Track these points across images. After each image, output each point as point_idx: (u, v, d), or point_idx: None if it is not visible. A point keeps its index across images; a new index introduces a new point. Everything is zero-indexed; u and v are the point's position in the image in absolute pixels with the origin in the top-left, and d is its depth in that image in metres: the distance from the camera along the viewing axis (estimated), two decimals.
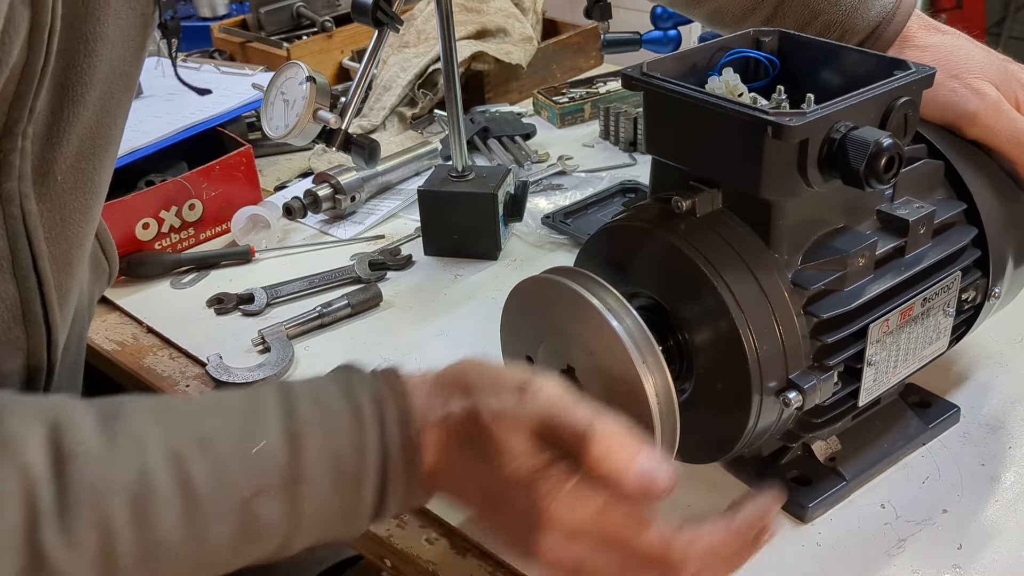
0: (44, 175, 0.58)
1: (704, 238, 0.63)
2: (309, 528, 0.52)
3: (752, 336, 0.61)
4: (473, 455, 0.54)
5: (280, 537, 0.52)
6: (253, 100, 1.23)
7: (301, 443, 0.51)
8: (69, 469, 0.47)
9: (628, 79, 0.66)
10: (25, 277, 0.59)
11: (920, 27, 0.78)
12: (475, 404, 0.53)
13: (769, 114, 0.58)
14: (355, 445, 0.52)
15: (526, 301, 0.66)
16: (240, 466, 0.50)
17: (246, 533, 0.51)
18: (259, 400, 0.53)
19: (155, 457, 0.49)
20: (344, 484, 0.52)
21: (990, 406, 0.80)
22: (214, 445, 0.50)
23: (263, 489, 0.50)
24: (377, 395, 0.54)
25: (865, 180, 0.58)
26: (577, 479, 0.52)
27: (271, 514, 0.51)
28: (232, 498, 0.50)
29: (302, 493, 0.51)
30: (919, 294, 0.67)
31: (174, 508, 0.48)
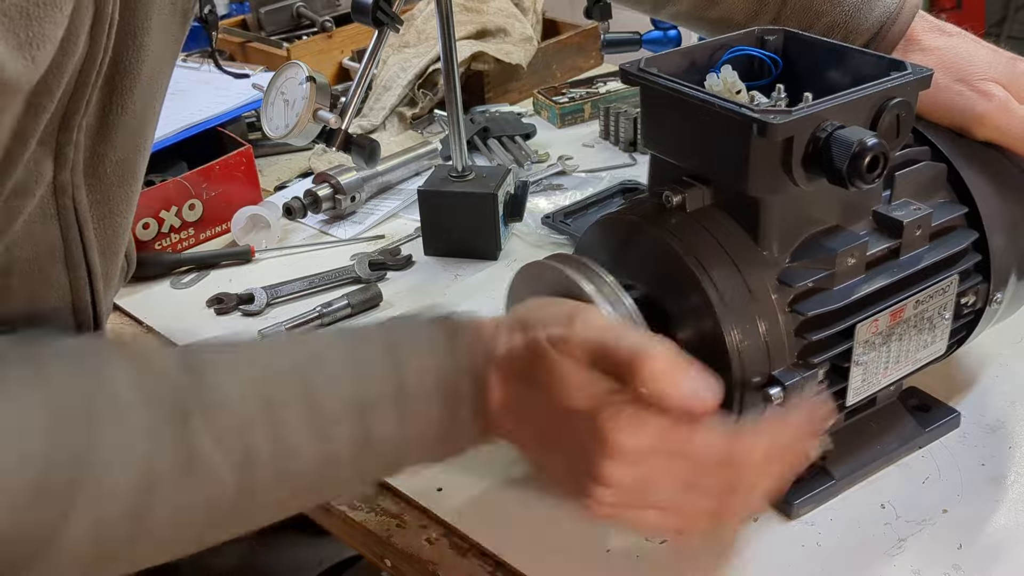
0: (95, 167, 0.60)
1: (692, 233, 0.64)
2: (415, 440, 0.56)
3: (735, 331, 0.61)
4: (533, 387, 0.56)
5: (390, 448, 0.56)
6: (253, 100, 1.23)
7: (403, 361, 0.55)
8: (206, 377, 0.51)
9: (626, 74, 0.67)
10: (76, 266, 0.61)
11: (925, 29, 0.78)
12: (532, 336, 0.56)
13: (755, 112, 0.59)
14: (449, 365, 0.56)
15: (528, 285, 0.68)
16: (352, 379, 0.54)
17: (363, 440, 0.54)
18: (361, 330, 0.59)
19: (278, 366, 0.54)
20: (442, 402, 0.56)
21: (990, 407, 0.80)
22: (327, 363, 0.55)
23: (376, 398, 0.54)
24: (457, 325, 0.58)
25: (848, 179, 0.58)
26: (634, 405, 0.54)
27: (383, 423, 0.54)
28: (348, 405, 0.54)
29: (408, 404, 0.55)
30: (912, 296, 0.67)
31: (299, 411, 0.52)
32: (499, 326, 0.58)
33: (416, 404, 0.55)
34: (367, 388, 0.55)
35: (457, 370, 0.56)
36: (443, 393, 0.56)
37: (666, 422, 0.54)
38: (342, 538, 0.76)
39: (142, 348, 0.53)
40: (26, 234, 0.58)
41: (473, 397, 0.57)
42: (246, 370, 0.53)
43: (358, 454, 0.55)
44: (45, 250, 0.59)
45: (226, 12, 1.80)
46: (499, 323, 0.59)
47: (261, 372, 0.53)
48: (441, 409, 0.56)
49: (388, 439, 0.55)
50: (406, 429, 0.55)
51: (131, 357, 0.52)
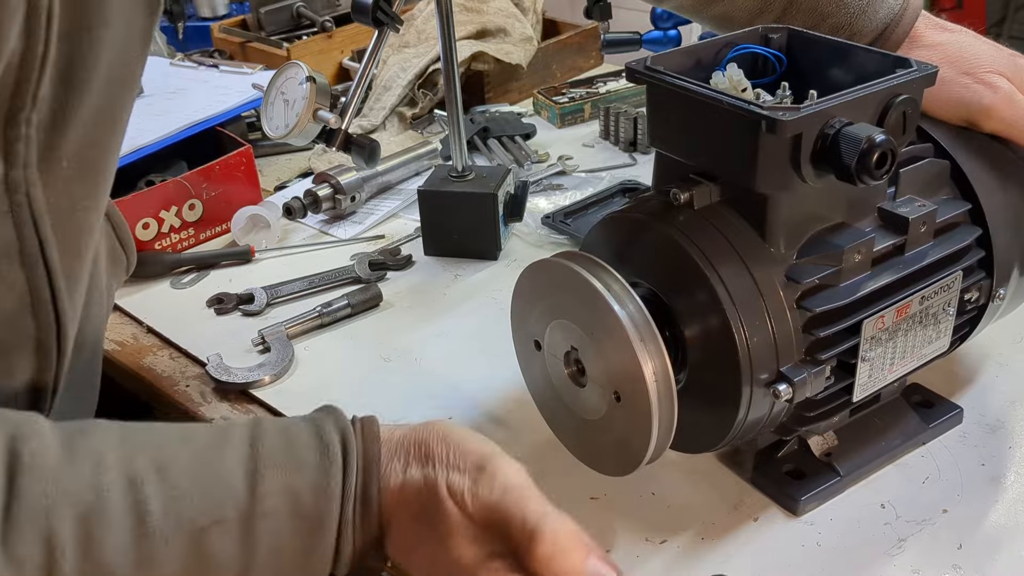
0: (50, 162, 0.58)
1: (700, 230, 0.64)
2: (263, 569, 0.51)
3: (743, 328, 0.61)
4: (422, 527, 0.53)
5: (234, 573, 0.50)
6: (253, 100, 1.23)
7: (261, 477, 0.50)
8: (20, 481, 0.46)
9: (632, 72, 0.67)
10: (33, 265, 0.59)
11: (928, 27, 0.78)
12: (433, 475, 0.53)
13: (764, 109, 0.59)
14: (317, 485, 0.51)
15: (535, 284, 0.68)
16: (197, 496, 0.49)
17: (197, 566, 0.49)
18: (226, 433, 0.53)
19: (110, 477, 0.48)
20: (302, 525, 0.51)
21: (990, 406, 0.80)
22: (172, 472, 0.49)
23: (218, 521, 0.49)
24: (344, 441, 0.53)
25: (857, 175, 0.59)
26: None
27: (224, 549, 0.49)
28: (185, 527, 0.48)
29: (258, 528, 0.50)
30: (917, 292, 0.67)
31: (123, 531, 0.47)
32: (397, 448, 0.54)
33: (268, 527, 0.50)
34: (210, 508, 0.49)
35: (324, 493, 0.51)
36: (304, 516, 0.51)
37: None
38: None
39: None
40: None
41: (349, 522, 0.52)
42: (72, 474, 0.48)
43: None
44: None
45: (226, 12, 1.80)
46: (399, 443, 0.54)
47: (89, 478, 0.48)
48: (301, 533, 0.51)
49: (229, 564, 0.50)
50: (254, 555, 0.50)
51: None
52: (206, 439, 0.52)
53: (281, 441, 0.52)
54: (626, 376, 0.60)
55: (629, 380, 0.60)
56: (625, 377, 0.61)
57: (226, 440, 0.52)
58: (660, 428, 0.60)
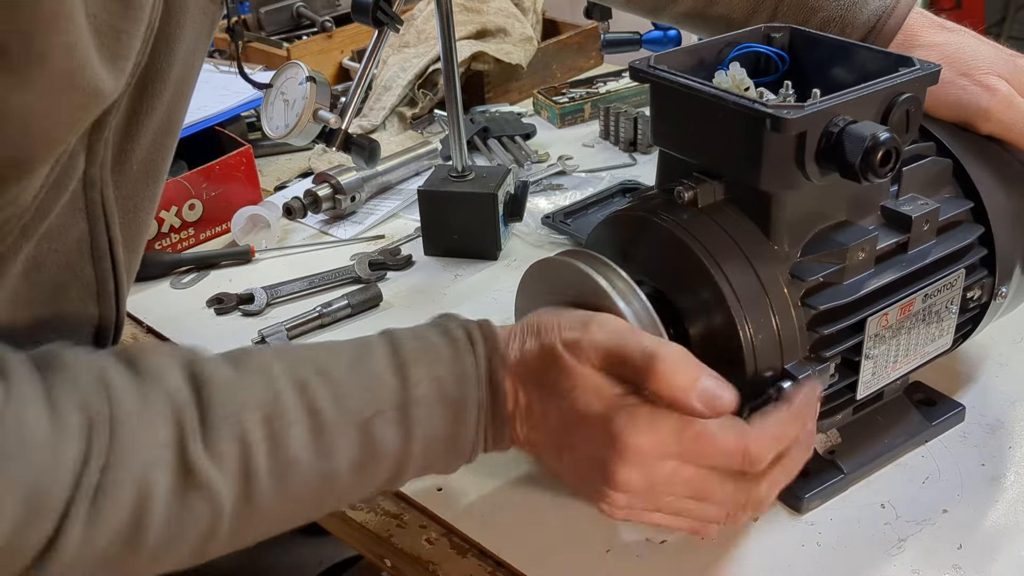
0: (121, 164, 0.62)
1: (704, 229, 0.64)
2: (419, 452, 0.57)
3: (748, 325, 0.61)
4: (548, 393, 0.58)
5: (394, 461, 0.56)
6: (253, 100, 1.23)
7: (408, 370, 0.56)
8: (207, 392, 0.52)
9: (635, 71, 0.67)
10: (102, 259, 0.63)
11: (926, 26, 0.78)
12: (547, 341, 0.58)
13: (768, 107, 0.59)
14: (456, 373, 0.57)
15: (539, 281, 0.68)
16: (357, 391, 0.55)
17: (366, 452, 0.55)
18: (366, 340, 0.59)
19: (281, 382, 0.54)
20: (449, 409, 0.57)
21: (990, 406, 0.80)
22: (332, 373, 0.55)
23: (379, 411, 0.55)
24: (468, 333, 0.59)
25: (861, 173, 0.59)
26: (648, 408, 0.55)
27: (387, 435, 0.55)
28: (353, 419, 0.54)
29: (413, 416, 0.56)
30: (920, 290, 0.67)
31: (302, 426, 0.53)
32: (512, 332, 0.60)
33: (421, 414, 0.56)
34: (370, 400, 0.55)
35: (463, 378, 0.57)
36: (449, 402, 0.57)
37: (679, 424, 0.55)
38: (342, 538, 0.75)
39: (148, 358, 0.53)
40: (56, 228, 0.59)
41: (483, 405, 0.58)
42: (248, 383, 0.54)
43: (361, 466, 0.55)
44: (73, 244, 0.61)
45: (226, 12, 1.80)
46: (512, 330, 0.60)
47: (263, 386, 0.54)
48: (447, 419, 0.57)
49: (392, 451, 0.56)
50: (411, 441, 0.56)
51: (136, 368, 0.52)
52: (351, 348, 0.58)
53: (417, 342, 0.58)
54: None
55: None
56: None
57: (369, 347, 0.58)
58: None
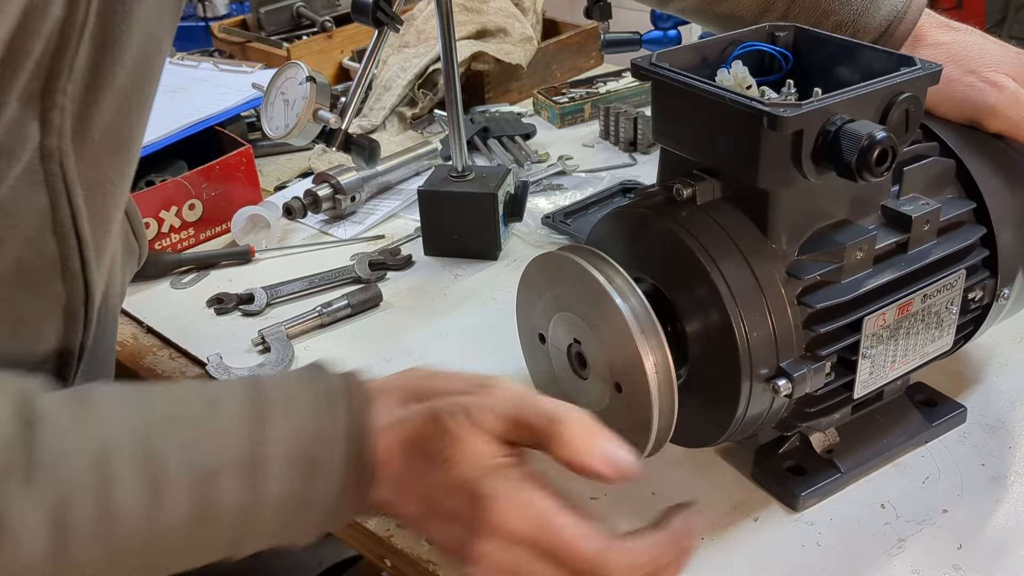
0: (82, 133, 0.59)
1: (702, 226, 0.64)
2: (266, 517, 0.52)
3: (743, 323, 0.62)
4: (423, 461, 0.53)
5: (236, 522, 0.51)
6: (253, 99, 1.23)
7: (265, 423, 0.51)
8: (37, 431, 0.48)
9: (637, 68, 0.67)
10: (65, 235, 0.60)
11: (933, 25, 0.78)
12: (435, 406, 0.53)
13: (765, 105, 0.59)
14: (317, 431, 0.52)
15: (540, 276, 0.68)
16: (205, 441, 0.50)
17: (204, 509, 0.50)
18: (226, 386, 0.54)
19: (120, 426, 0.49)
20: (304, 471, 0.52)
21: (990, 406, 0.80)
22: (180, 420, 0.51)
23: (226, 465, 0.50)
24: (339, 387, 0.54)
25: (857, 172, 0.59)
26: (525, 487, 0.52)
27: (230, 493, 0.50)
28: (194, 471, 0.50)
29: (263, 473, 0.51)
30: (919, 290, 0.67)
31: (136, 476, 0.48)
32: (389, 390, 0.55)
33: (271, 473, 0.51)
34: (216, 453, 0.50)
35: (323, 437, 0.52)
36: (304, 462, 0.52)
37: (545, 513, 0.52)
38: (342, 538, 0.75)
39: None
40: (13, 200, 0.57)
41: (347, 464, 0.53)
42: (84, 425, 0.49)
43: (197, 524, 0.50)
44: (33, 218, 0.58)
45: (226, 12, 1.80)
46: (389, 386, 0.55)
47: (101, 428, 0.49)
48: (301, 480, 0.52)
49: (233, 511, 0.51)
50: (257, 501, 0.51)
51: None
52: (208, 394, 0.54)
53: (281, 393, 0.53)
54: (627, 369, 0.61)
55: (630, 373, 0.61)
56: (626, 370, 0.61)
57: (227, 395, 0.53)
58: (660, 421, 0.61)
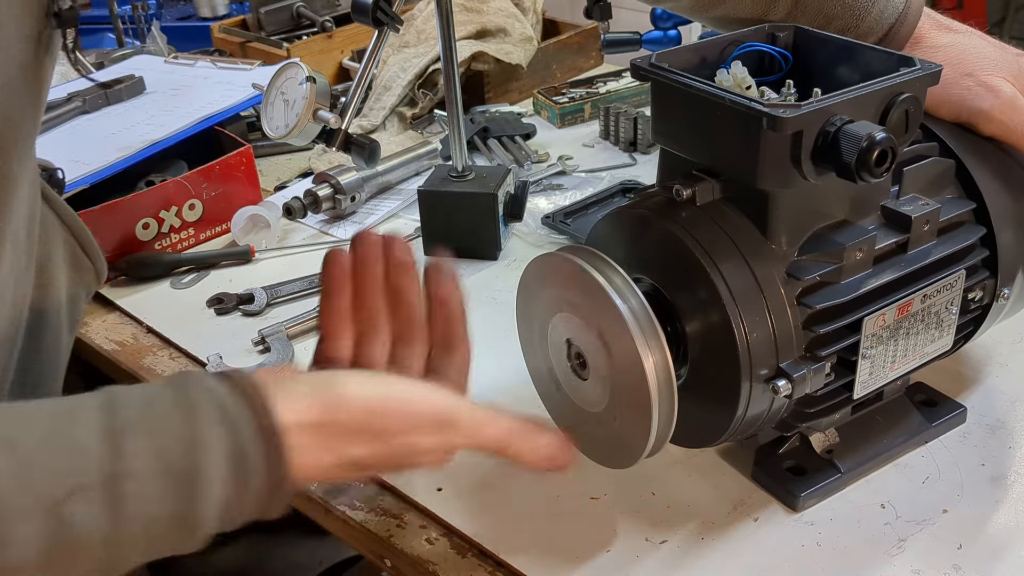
0: None
1: (702, 227, 0.64)
2: (136, 535, 0.47)
3: (743, 324, 0.62)
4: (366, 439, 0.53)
5: (101, 546, 0.46)
6: (253, 97, 1.23)
7: (123, 439, 0.47)
8: None
9: (636, 68, 0.67)
10: None
11: (932, 27, 0.78)
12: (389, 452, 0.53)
13: (765, 106, 0.59)
14: (186, 439, 0.48)
15: (540, 277, 0.68)
16: (50, 465, 0.46)
17: (59, 538, 0.45)
18: (78, 402, 0.49)
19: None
20: (176, 482, 0.47)
21: (991, 406, 0.80)
22: (20, 443, 0.46)
23: (77, 489, 0.45)
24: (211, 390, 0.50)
25: (857, 173, 0.59)
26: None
27: (88, 517, 0.45)
28: (39, 498, 0.45)
29: (125, 491, 0.46)
30: (919, 291, 0.67)
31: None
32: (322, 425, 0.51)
33: (135, 490, 0.46)
34: (66, 476, 0.45)
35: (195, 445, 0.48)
36: (175, 474, 0.47)
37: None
38: (342, 538, 0.75)
39: None
40: None
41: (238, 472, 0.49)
42: None
43: (55, 555, 0.46)
44: None
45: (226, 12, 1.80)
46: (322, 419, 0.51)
47: None
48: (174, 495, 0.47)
49: (95, 536, 0.46)
50: (122, 522, 0.46)
51: None
52: (55, 412, 0.49)
53: (140, 404, 0.49)
54: (627, 370, 0.61)
55: (630, 374, 0.61)
56: (626, 370, 0.61)
57: (79, 411, 0.48)
58: (660, 422, 0.61)
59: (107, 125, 1.18)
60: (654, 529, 0.69)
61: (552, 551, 0.68)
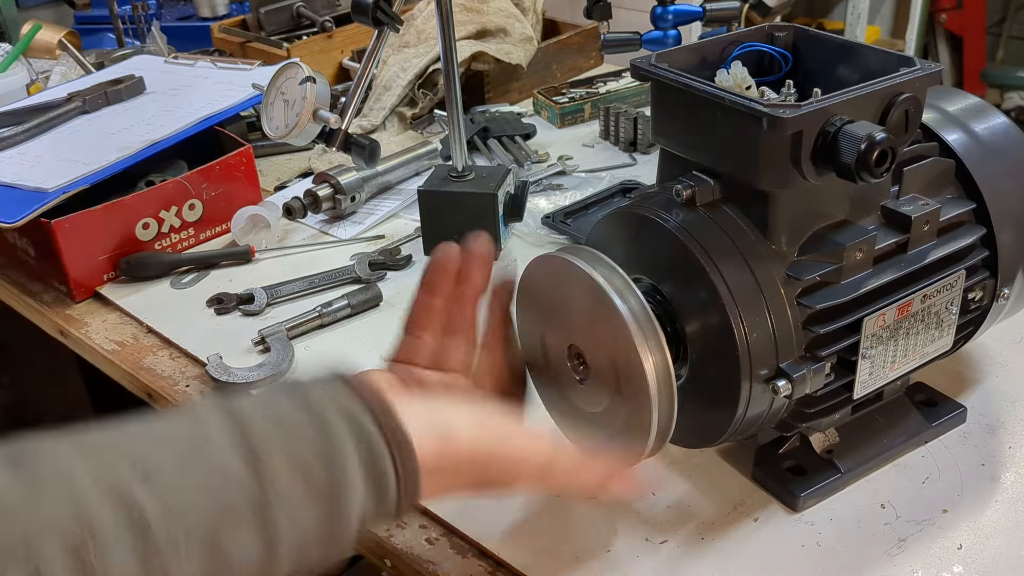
0: None
1: (702, 227, 0.64)
2: (289, 554, 0.46)
3: (743, 324, 0.62)
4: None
5: (258, 570, 0.46)
6: (253, 97, 1.23)
7: (262, 459, 0.46)
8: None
9: (636, 69, 0.67)
10: None
11: None
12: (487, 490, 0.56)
13: (765, 106, 0.59)
14: (324, 455, 0.47)
15: (539, 278, 0.68)
16: (197, 495, 0.44)
17: (217, 570, 0.44)
18: (199, 420, 0.47)
19: (90, 493, 0.42)
20: (321, 500, 0.47)
21: (991, 407, 0.80)
22: (161, 475, 0.44)
23: (230, 517, 0.44)
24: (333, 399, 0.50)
25: (857, 173, 0.59)
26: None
27: (244, 544, 0.45)
28: (194, 532, 0.43)
29: (274, 517, 0.45)
30: (919, 291, 0.67)
31: (126, 550, 0.41)
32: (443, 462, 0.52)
33: (285, 515, 0.46)
34: (216, 506, 0.44)
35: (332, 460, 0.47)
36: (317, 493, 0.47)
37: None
38: None
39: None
40: None
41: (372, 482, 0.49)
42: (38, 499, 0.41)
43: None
44: None
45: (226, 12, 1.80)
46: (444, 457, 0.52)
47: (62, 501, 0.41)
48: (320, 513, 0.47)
49: (252, 562, 0.45)
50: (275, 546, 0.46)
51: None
52: (182, 434, 0.47)
53: (267, 419, 0.48)
54: (627, 370, 0.61)
55: (630, 374, 0.61)
56: (626, 371, 0.61)
57: (205, 430, 0.47)
58: (660, 422, 0.61)
59: (107, 125, 1.18)
60: (654, 529, 0.69)
61: (552, 551, 0.68)
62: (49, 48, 1.47)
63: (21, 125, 1.17)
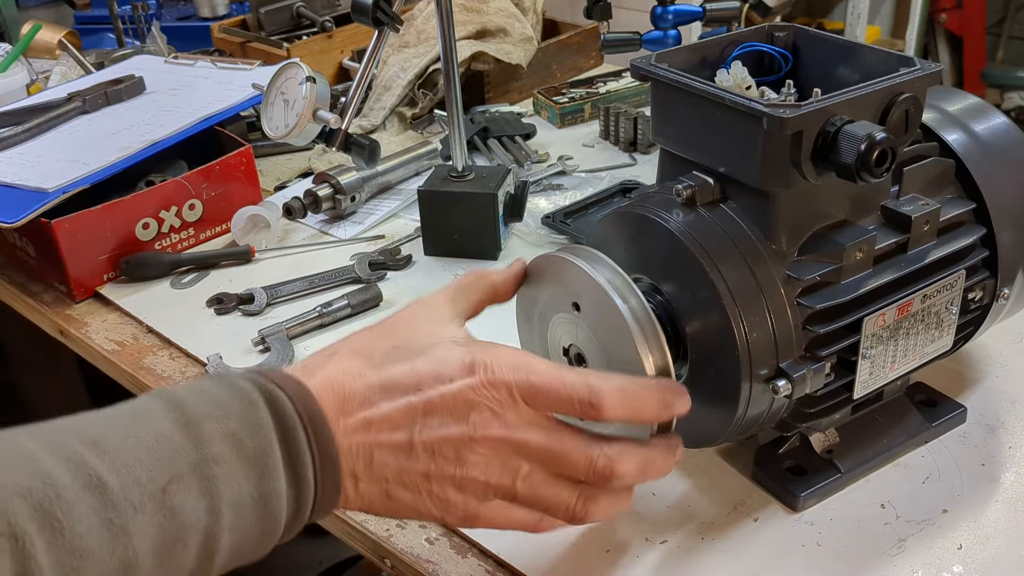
0: None
1: (702, 227, 0.64)
2: (230, 522, 0.49)
3: (743, 324, 0.62)
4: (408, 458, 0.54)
5: (203, 535, 0.48)
6: (254, 97, 1.23)
7: (198, 427, 0.49)
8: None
9: (636, 69, 0.68)
10: None
11: None
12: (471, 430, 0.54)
13: (765, 106, 0.59)
14: (250, 424, 0.50)
15: (539, 277, 0.68)
16: (143, 458, 0.47)
17: (170, 528, 0.47)
18: (137, 404, 0.50)
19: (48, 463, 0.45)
20: (250, 465, 0.49)
21: (991, 407, 0.80)
22: (107, 442, 0.47)
23: (174, 476, 0.47)
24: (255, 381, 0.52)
25: (857, 173, 0.59)
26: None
27: (189, 503, 0.47)
28: (146, 488, 0.46)
29: (215, 475, 0.48)
30: (919, 291, 0.67)
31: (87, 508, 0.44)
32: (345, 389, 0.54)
33: (222, 474, 0.48)
34: (161, 466, 0.47)
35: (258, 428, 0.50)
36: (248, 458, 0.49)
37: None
38: (342, 539, 0.76)
39: None
40: None
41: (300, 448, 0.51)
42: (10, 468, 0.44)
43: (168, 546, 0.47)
44: None
45: (226, 12, 1.80)
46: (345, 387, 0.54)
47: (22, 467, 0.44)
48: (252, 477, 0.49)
49: (199, 522, 0.48)
50: (218, 507, 0.48)
51: None
52: (122, 413, 0.50)
53: (200, 396, 0.51)
54: (627, 370, 0.61)
55: (630, 373, 0.60)
56: (626, 371, 0.61)
57: (143, 409, 0.50)
58: None
59: (107, 125, 1.18)
60: (654, 529, 0.69)
61: (552, 551, 0.68)
62: (49, 48, 1.47)
63: (21, 125, 1.17)
